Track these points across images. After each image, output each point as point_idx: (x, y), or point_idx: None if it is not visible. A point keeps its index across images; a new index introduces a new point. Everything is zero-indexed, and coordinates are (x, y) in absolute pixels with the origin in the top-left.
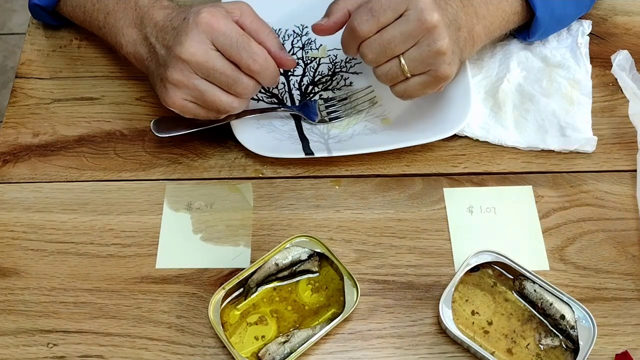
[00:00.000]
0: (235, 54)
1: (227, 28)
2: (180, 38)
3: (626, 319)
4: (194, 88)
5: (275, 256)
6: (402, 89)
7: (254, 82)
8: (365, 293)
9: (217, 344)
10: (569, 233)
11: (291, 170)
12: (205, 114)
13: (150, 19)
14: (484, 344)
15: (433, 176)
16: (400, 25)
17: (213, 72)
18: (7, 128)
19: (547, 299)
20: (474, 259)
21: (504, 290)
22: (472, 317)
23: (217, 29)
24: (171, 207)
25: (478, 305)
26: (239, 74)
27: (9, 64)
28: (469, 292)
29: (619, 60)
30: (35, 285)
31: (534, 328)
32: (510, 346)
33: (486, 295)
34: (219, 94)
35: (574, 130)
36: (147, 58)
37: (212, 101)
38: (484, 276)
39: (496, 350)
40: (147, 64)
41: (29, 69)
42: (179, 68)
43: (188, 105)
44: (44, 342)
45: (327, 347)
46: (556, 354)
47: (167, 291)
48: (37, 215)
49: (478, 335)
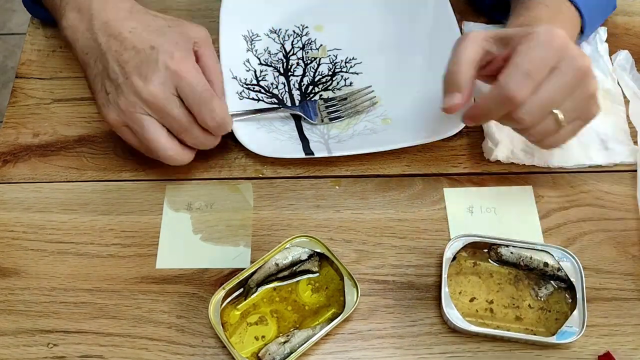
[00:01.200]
0: (195, 107)
1: (194, 79)
2: (146, 74)
3: (626, 319)
4: (138, 121)
5: (276, 256)
6: (554, 141)
7: (205, 135)
8: (366, 293)
9: (217, 344)
10: (569, 233)
11: (291, 170)
12: (138, 145)
13: (100, 12)
14: (496, 324)
15: (433, 176)
16: (557, 78)
17: (167, 116)
18: (7, 128)
19: (526, 255)
20: (449, 252)
21: (484, 265)
22: (473, 305)
23: (185, 78)
24: (171, 207)
25: (472, 291)
26: (192, 125)
27: (9, 64)
28: (458, 283)
29: (619, 60)
30: (35, 285)
31: (527, 285)
32: (516, 313)
33: (473, 278)
34: (160, 134)
35: (615, 142)
36: (89, 54)
37: (151, 139)
38: (462, 261)
39: (508, 324)
40: (86, 59)
41: (29, 69)
42: (132, 100)
43: (124, 130)
44: (44, 342)
45: (327, 347)
46: (556, 298)
47: (167, 291)
48: (37, 216)
49: (487, 318)
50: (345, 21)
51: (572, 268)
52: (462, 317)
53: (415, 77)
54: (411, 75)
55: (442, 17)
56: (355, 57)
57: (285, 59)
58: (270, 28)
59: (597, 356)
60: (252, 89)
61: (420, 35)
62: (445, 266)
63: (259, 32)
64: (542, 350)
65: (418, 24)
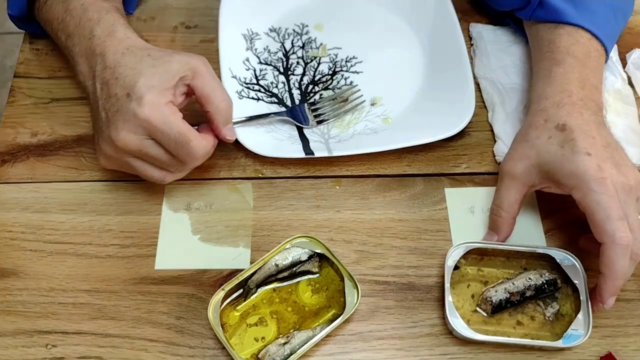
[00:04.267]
0: (172, 150)
1: (165, 126)
2: (117, 122)
3: (628, 320)
4: (126, 164)
5: (275, 257)
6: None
7: (190, 165)
8: (366, 294)
9: (216, 345)
10: (570, 234)
11: (291, 170)
12: None
13: (102, 57)
14: (498, 328)
15: (434, 176)
16: (628, 205)
17: (146, 157)
18: (5, 128)
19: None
20: (450, 260)
21: (487, 271)
22: (476, 311)
23: (156, 127)
24: (170, 207)
25: (475, 298)
26: (173, 160)
27: (7, 63)
28: (463, 291)
29: (634, 59)
30: (33, 286)
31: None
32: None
33: (479, 284)
34: (151, 170)
35: (626, 143)
36: (92, 100)
37: (145, 175)
38: (463, 268)
39: (510, 328)
40: (92, 104)
41: (27, 69)
42: (112, 147)
43: (120, 169)
44: (42, 343)
45: (328, 348)
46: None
47: (167, 292)
48: (35, 216)
49: (489, 324)
50: (345, 20)
51: (575, 270)
52: (467, 326)
53: (415, 77)
54: (412, 74)
55: (443, 16)
56: (355, 56)
57: (285, 57)
58: (270, 27)
59: (599, 357)
60: (251, 88)
61: (421, 35)
62: (448, 275)
63: (259, 30)
64: (544, 352)
65: (419, 23)
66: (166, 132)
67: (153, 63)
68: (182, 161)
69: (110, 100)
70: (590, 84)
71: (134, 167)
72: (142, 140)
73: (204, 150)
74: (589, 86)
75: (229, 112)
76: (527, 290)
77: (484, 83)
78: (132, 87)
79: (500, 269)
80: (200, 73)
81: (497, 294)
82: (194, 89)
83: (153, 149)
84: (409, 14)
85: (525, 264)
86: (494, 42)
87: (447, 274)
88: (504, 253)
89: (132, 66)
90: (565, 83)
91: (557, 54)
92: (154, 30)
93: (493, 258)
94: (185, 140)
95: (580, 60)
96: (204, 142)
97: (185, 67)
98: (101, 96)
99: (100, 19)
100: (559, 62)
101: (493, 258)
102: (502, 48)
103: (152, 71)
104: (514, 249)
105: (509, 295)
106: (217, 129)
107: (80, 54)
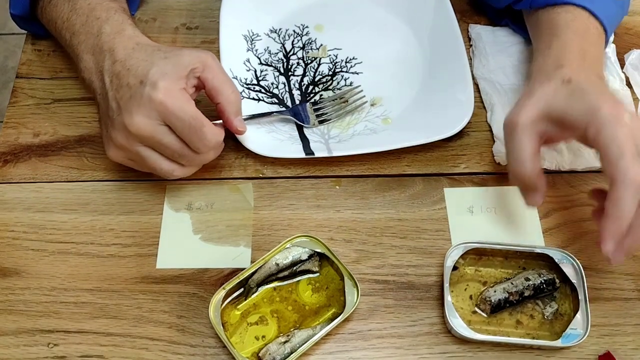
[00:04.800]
0: (185, 136)
1: (180, 111)
2: (131, 108)
3: (627, 319)
4: (136, 153)
5: (276, 256)
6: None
7: (201, 156)
8: (366, 293)
9: (217, 344)
10: (569, 233)
11: (291, 170)
12: (147, 171)
13: (110, 52)
14: (497, 328)
15: (433, 176)
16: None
17: (159, 145)
18: (7, 128)
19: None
20: (449, 261)
21: (486, 271)
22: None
23: (171, 111)
24: (171, 207)
25: (474, 297)
26: (185, 150)
27: (9, 64)
28: (462, 292)
29: (632, 60)
30: (35, 285)
31: (533, 305)
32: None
33: (477, 284)
34: (161, 161)
35: None
36: (100, 94)
37: (153, 167)
38: (462, 268)
39: (509, 328)
40: (98, 99)
41: (29, 69)
42: (124, 134)
43: (128, 162)
44: (44, 342)
45: (328, 347)
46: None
47: (168, 291)
48: (37, 215)
49: (490, 324)
50: (345, 21)
51: (573, 270)
52: (466, 326)
53: (415, 77)
54: (411, 75)
55: (442, 16)
56: (355, 57)
57: (285, 58)
58: (271, 28)
59: (598, 356)
60: (252, 88)
61: (420, 36)
62: (447, 275)
63: (259, 31)
64: (543, 351)
65: (418, 24)
66: (180, 117)
67: (165, 55)
68: (194, 150)
69: (122, 89)
70: (591, 55)
71: (143, 158)
72: (156, 126)
73: (216, 138)
74: (590, 58)
75: (239, 104)
76: (526, 290)
77: (482, 84)
78: (146, 75)
79: (499, 269)
80: (210, 66)
81: (496, 294)
82: (204, 81)
83: (166, 136)
84: (409, 15)
85: (523, 264)
86: (492, 43)
87: (446, 275)
88: (503, 253)
89: (144, 58)
90: (565, 53)
91: (555, 29)
92: (155, 31)
93: (491, 258)
94: (199, 125)
95: (580, 35)
96: (217, 130)
97: (196, 59)
98: (111, 88)
99: (108, 17)
100: (558, 35)
101: (491, 258)
102: (501, 49)
103: (164, 62)
104: (512, 249)
105: (508, 295)
106: (228, 120)
107: (85, 51)
